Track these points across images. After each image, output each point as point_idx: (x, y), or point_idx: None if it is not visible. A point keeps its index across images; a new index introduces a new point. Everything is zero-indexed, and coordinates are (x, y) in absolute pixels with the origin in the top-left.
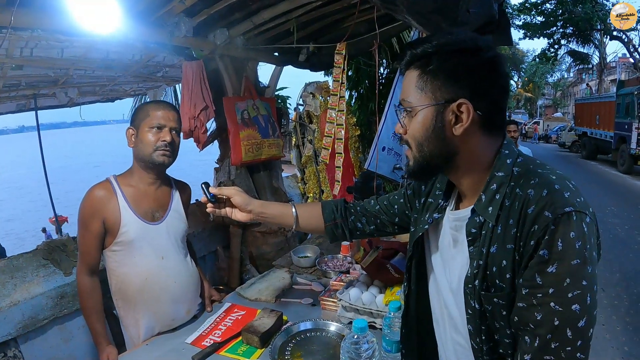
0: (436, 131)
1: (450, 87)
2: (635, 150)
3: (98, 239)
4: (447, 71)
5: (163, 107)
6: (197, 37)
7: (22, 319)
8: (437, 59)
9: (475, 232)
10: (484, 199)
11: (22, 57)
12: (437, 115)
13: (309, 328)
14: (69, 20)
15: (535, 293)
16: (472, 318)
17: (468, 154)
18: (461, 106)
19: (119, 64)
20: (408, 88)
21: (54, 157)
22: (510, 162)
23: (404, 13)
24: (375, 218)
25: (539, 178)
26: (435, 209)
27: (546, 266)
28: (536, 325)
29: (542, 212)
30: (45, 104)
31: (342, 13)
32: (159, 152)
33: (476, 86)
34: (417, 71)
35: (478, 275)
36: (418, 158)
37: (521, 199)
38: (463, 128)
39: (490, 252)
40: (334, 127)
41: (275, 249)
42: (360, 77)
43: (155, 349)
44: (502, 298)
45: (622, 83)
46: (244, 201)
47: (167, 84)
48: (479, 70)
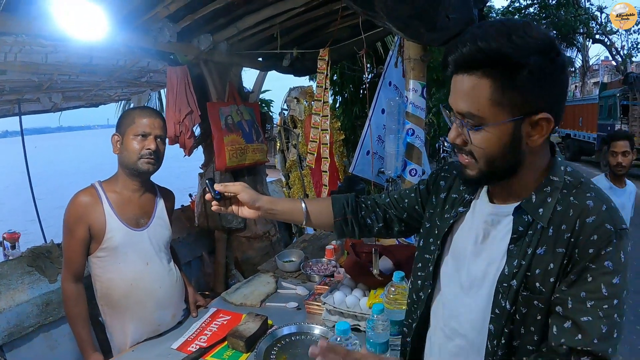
0: (513, 146)
1: (532, 100)
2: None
3: (83, 245)
4: (533, 83)
5: (148, 115)
6: (181, 42)
7: (8, 327)
8: (525, 69)
9: (522, 230)
10: (534, 200)
11: (6, 61)
12: (515, 129)
13: (294, 332)
14: (54, 25)
15: (602, 305)
16: (498, 318)
17: (531, 162)
18: (541, 119)
19: (103, 69)
20: (476, 99)
21: (39, 162)
22: (563, 169)
23: (384, 19)
24: (384, 212)
25: (594, 193)
26: (461, 203)
27: (612, 277)
28: (600, 339)
29: (603, 224)
30: (29, 109)
31: (325, 19)
32: (143, 160)
33: (555, 95)
34: (489, 81)
35: (517, 275)
36: (485, 171)
37: (578, 208)
38: (541, 139)
39: (537, 253)
40: (319, 132)
41: (261, 254)
42: (344, 81)
43: (141, 355)
44: (541, 301)
45: (604, 85)
46: (252, 198)
47: (152, 89)
48: (557, 77)
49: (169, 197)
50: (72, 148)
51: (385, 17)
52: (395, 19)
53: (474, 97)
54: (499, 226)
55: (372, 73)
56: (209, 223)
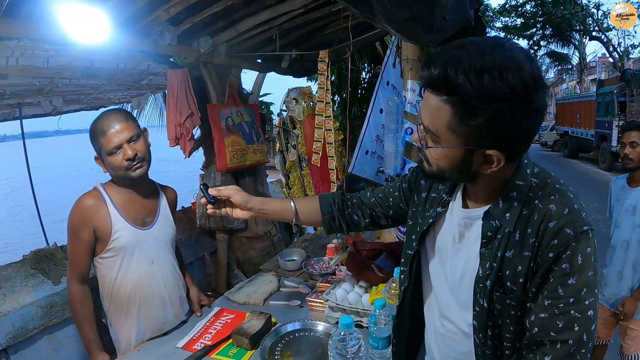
0: (463, 168)
1: (486, 138)
2: (616, 147)
3: (88, 247)
4: (488, 125)
5: (108, 126)
6: (181, 45)
7: (12, 329)
8: (483, 114)
9: (490, 235)
10: (501, 205)
11: (8, 66)
12: (466, 155)
13: (298, 328)
14: (57, 29)
15: (557, 304)
16: (479, 315)
17: (491, 178)
18: (490, 156)
19: (103, 72)
20: (436, 119)
21: (38, 166)
22: (529, 172)
23: (382, 22)
24: (370, 210)
25: (559, 195)
26: (439, 203)
27: (567, 278)
28: (557, 332)
29: (563, 229)
30: (29, 112)
31: (323, 20)
32: (130, 170)
33: (515, 136)
34: (450, 109)
35: (490, 276)
36: (436, 174)
37: (541, 212)
38: (490, 171)
39: (506, 256)
40: (323, 132)
41: (262, 254)
42: (342, 82)
43: (146, 354)
44: (513, 299)
45: (602, 82)
46: (244, 199)
47: (152, 91)
48: (523, 121)
49: (170, 193)
50: (70, 151)
51: (383, 19)
52: (393, 21)
53: (434, 117)
54: (471, 228)
55: (369, 73)
56: (210, 224)
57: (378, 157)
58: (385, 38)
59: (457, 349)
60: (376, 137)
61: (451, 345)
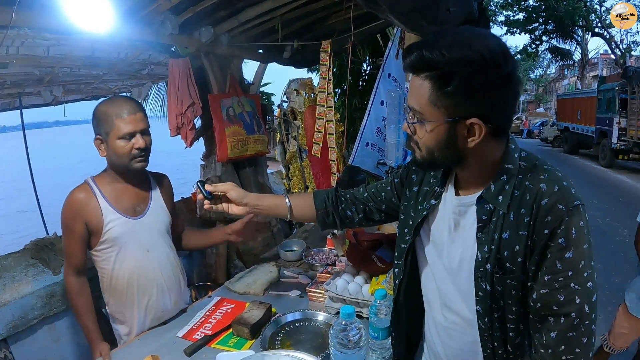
0: (448, 143)
1: (465, 105)
2: (616, 144)
3: (82, 241)
4: (463, 91)
5: (127, 112)
6: (183, 34)
7: (12, 319)
8: (456, 79)
9: (485, 218)
10: (493, 189)
11: (8, 55)
12: (450, 129)
13: (298, 318)
14: (58, 18)
15: (557, 278)
16: (483, 299)
17: (478, 157)
18: (472, 124)
19: (104, 61)
20: (419, 98)
21: (38, 157)
22: (517, 156)
23: (386, 12)
24: (363, 205)
25: (548, 174)
26: (432, 196)
27: (564, 252)
28: (560, 306)
29: (555, 205)
30: (30, 102)
31: (325, 11)
32: (135, 160)
33: (491, 103)
34: (429, 83)
35: (490, 259)
36: (427, 159)
37: (533, 192)
38: (474, 143)
39: (503, 237)
40: (324, 122)
41: (262, 245)
42: (343, 73)
43: (147, 343)
44: (513, 279)
45: (603, 79)
46: (240, 195)
47: (152, 81)
48: (496, 87)
49: (163, 181)
50: (70, 142)
51: (387, 10)
52: (397, 12)
53: (418, 96)
54: (466, 215)
55: (370, 65)
56: (210, 214)
57: (378, 149)
58: (387, 30)
59: (461, 340)
60: (377, 129)
61: (455, 336)
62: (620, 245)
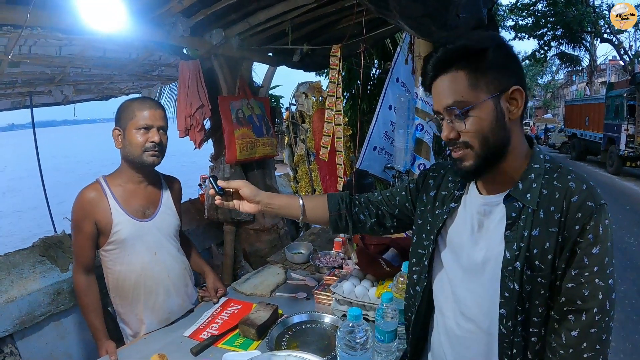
0: (499, 121)
1: (501, 78)
2: (624, 151)
3: (91, 240)
4: (495, 64)
5: (149, 107)
6: (194, 36)
7: (19, 315)
8: (488, 54)
9: (515, 216)
10: (521, 187)
11: (21, 54)
12: (496, 105)
13: (304, 320)
14: (70, 17)
15: (583, 272)
16: (509, 300)
17: (515, 143)
18: (514, 92)
19: (116, 62)
20: (457, 89)
21: (47, 156)
22: (542, 157)
23: (397, 17)
24: (376, 209)
25: (574, 175)
26: (451, 200)
27: (592, 248)
28: (584, 301)
29: (585, 202)
30: (40, 101)
31: (336, 15)
32: (148, 153)
33: (518, 70)
34: (464, 71)
35: (520, 257)
36: (481, 154)
37: (562, 190)
38: (519, 111)
39: (532, 234)
40: (332, 126)
41: (269, 246)
42: (352, 77)
43: (153, 341)
44: (543, 278)
45: (611, 85)
46: (252, 193)
47: (163, 82)
48: (514, 58)
49: (174, 184)
50: (79, 141)
51: (398, 15)
52: (407, 17)
53: (455, 88)
54: (491, 215)
55: (379, 69)
56: (218, 215)
57: (386, 154)
58: (396, 35)
59: (477, 350)
60: (384, 133)
61: (470, 346)
62: (626, 253)
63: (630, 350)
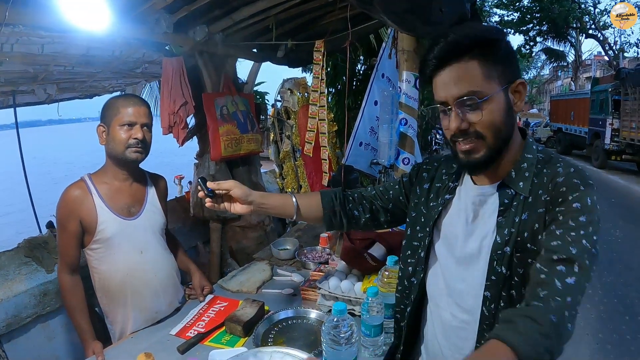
0: (509, 111)
1: (509, 70)
2: (609, 145)
3: (76, 238)
4: (505, 56)
5: (133, 103)
6: (177, 33)
7: (6, 318)
8: (500, 44)
9: (507, 202)
10: (514, 175)
11: (3, 52)
12: (506, 97)
13: (290, 316)
14: (53, 16)
15: (570, 232)
16: (494, 284)
17: (514, 134)
18: (519, 85)
19: (99, 60)
20: (472, 79)
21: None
22: (535, 148)
23: (380, 12)
24: (370, 204)
25: (564, 162)
26: (446, 191)
27: (579, 214)
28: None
29: (571, 179)
30: (23, 100)
31: (319, 11)
32: (131, 149)
33: (518, 65)
34: (476, 60)
35: (510, 241)
36: (493, 145)
37: (550, 175)
38: (522, 101)
39: (522, 219)
40: (316, 121)
41: (255, 243)
42: (337, 73)
43: (140, 341)
44: (535, 259)
45: (596, 80)
46: (244, 193)
47: (147, 80)
48: (515, 52)
49: (160, 182)
50: (65, 141)
51: (381, 10)
52: (390, 12)
53: (469, 78)
54: (485, 205)
55: (364, 65)
56: (204, 213)
57: (372, 149)
58: (381, 31)
59: (473, 340)
60: (370, 129)
61: (466, 337)
62: (612, 245)
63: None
